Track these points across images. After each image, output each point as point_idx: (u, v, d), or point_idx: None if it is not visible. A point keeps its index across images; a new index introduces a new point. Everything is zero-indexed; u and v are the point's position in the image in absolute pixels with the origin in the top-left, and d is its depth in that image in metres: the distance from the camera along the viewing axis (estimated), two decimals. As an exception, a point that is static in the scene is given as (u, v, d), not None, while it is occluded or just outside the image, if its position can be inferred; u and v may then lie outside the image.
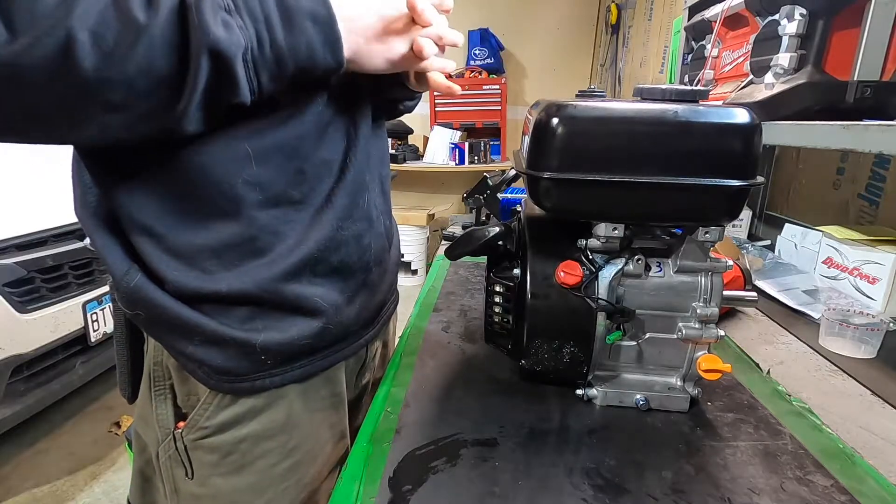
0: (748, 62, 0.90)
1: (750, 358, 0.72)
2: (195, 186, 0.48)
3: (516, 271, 0.59)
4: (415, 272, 3.52)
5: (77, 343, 1.83)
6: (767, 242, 1.34)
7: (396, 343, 0.78)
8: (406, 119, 3.47)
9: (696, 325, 0.55)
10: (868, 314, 0.79)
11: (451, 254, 0.63)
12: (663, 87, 0.51)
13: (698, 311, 0.54)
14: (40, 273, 1.67)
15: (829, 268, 1.02)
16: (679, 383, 0.58)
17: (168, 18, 0.37)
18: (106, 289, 1.91)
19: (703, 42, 1.10)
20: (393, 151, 3.61)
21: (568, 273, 0.53)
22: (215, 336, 0.51)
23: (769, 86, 0.82)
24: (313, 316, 0.55)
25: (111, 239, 0.51)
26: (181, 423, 0.56)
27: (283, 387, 0.56)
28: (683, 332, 0.55)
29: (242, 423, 0.55)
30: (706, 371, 0.53)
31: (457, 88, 0.62)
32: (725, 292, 0.55)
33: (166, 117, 0.40)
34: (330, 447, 0.61)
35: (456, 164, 3.60)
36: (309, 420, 0.59)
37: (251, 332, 0.52)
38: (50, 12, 0.34)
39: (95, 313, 1.86)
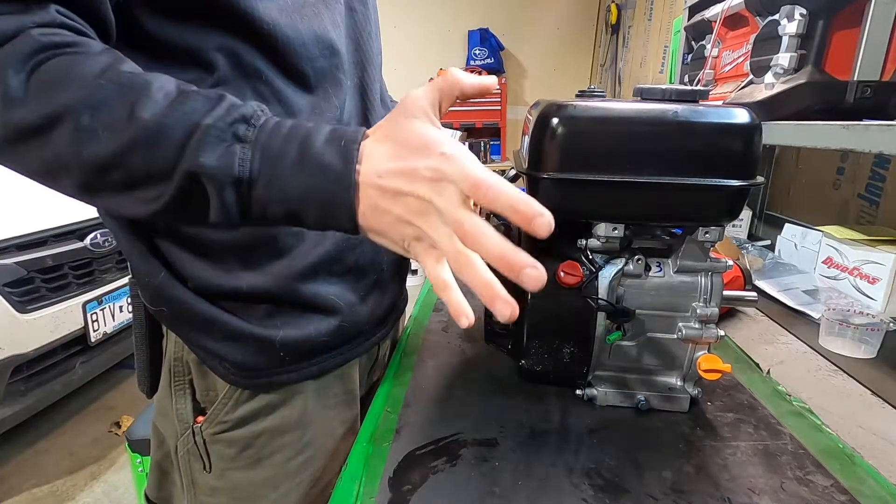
0: (748, 62, 0.90)
1: (750, 358, 0.72)
2: None
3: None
4: (415, 272, 3.52)
5: (77, 343, 1.83)
6: (767, 242, 1.34)
7: (400, 342, 0.78)
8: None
9: (696, 325, 0.55)
10: (868, 314, 0.79)
11: (452, 254, 0.63)
12: (663, 87, 0.51)
13: (698, 311, 0.54)
14: (40, 273, 1.68)
15: (829, 268, 1.02)
16: (679, 383, 0.58)
17: (172, 126, 0.36)
18: (106, 289, 1.91)
19: (703, 42, 1.10)
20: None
21: (568, 273, 0.53)
22: (237, 332, 0.53)
23: (769, 86, 0.82)
24: (330, 314, 0.56)
25: (135, 237, 0.52)
26: (200, 418, 0.57)
27: (300, 383, 0.57)
28: (683, 332, 0.55)
29: (260, 418, 0.56)
30: (706, 371, 0.53)
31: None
32: (725, 292, 0.55)
33: (131, 211, 0.40)
34: (343, 443, 0.62)
35: (456, 164, 3.60)
36: (323, 416, 0.60)
37: (271, 329, 0.53)
38: (64, 85, 0.36)
39: (95, 313, 1.86)
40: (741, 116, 0.48)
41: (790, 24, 0.77)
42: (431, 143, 0.36)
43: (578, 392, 0.59)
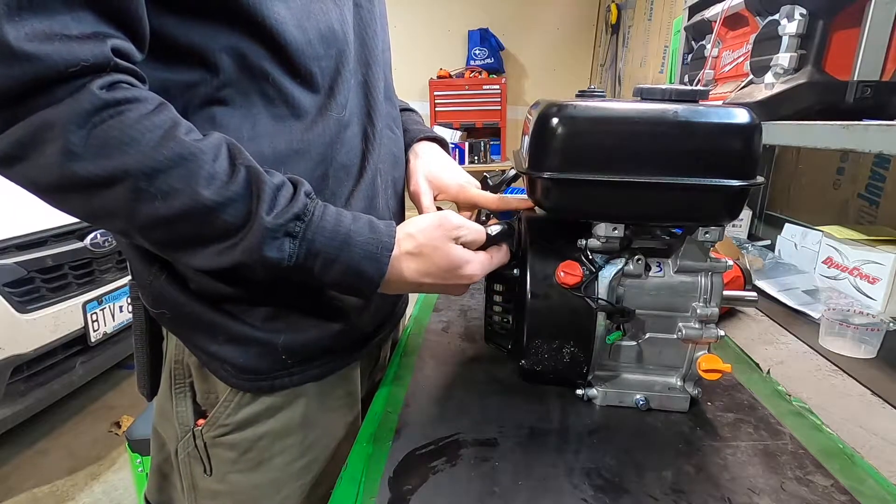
0: (748, 62, 0.90)
1: (750, 358, 0.72)
2: None
3: (516, 271, 0.59)
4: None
5: (77, 343, 1.83)
6: (767, 242, 1.34)
7: (400, 343, 0.78)
8: (406, 119, 3.47)
9: (696, 325, 0.55)
10: (868, 314, 0.79)
11: (451, 254, 0.63)
12: (663, 87, 0.51)
13: (698, 311, 0.54)
14: (40, 273, 1.67)
15: (829, 268, 1.02)
16: (679, 383, 0.58)
17: (227, 207, 0.42)
18: (106, 289, 1.91)
19: (703, 42, 1.10)
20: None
21: (568, 273, 0.53)
22: (239, 336, 0.52)
23: (769, 86, 0.82)
24: (332, 317, 0.56)
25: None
26: (201, 421, 0.57)
27: (301, 385, 0.56)
28: (683, 332, 0.55)
29: (261, 421, 0.56)
30: (706, 371, 0.53)
31: None
32: (725, 292, 0.55)
33: (166, 254, 0.47)
34: (345, 445, 0.62)
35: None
36: (325, 418, 0.60)
37: (273, 333, 0.53)
38: (123, 148, 0.38)
39: (95, 313, 1.86)
40: (741, 116, 0.48)
41: (790, 24, 0.77)
42: (457, 266, 0.52)
43: (578, 392, 0.59)
